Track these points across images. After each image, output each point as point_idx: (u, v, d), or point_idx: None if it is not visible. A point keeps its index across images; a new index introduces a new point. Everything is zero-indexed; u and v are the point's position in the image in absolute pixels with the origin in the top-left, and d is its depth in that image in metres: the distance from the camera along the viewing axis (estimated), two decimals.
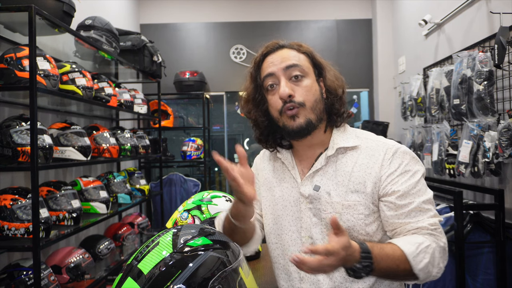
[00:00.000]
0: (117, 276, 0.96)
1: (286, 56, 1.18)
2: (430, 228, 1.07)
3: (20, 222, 1.86)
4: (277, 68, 1.16)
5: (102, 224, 3.41)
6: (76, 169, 3.11)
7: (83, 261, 2.37)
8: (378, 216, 1.14)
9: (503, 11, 2.47)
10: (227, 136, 5.51)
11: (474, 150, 2.62)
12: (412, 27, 4.30)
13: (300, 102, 1.14)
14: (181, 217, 1.76)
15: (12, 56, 1.94)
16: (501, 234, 2.52)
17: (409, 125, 4.03)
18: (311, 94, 1.15)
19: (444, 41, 3.59)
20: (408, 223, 1.09)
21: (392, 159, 1.13)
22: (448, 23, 3.51)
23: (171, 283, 0.87)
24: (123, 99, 3.19)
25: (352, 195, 1.13)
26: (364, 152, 1.16)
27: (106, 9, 3.98)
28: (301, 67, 1.16)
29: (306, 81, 1.16)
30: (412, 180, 1.11)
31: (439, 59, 3.60)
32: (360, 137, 1.21)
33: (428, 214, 1.09)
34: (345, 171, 1.16)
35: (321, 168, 1.19)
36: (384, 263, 0.99)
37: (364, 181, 1.13)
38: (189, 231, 1.01)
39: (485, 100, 2.53)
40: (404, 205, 1.09)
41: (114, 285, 0.94)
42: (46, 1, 2.16)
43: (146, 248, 0.97)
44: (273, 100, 1.17)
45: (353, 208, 1.13)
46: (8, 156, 1.91)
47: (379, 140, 1.19)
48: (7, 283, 1.89)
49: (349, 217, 1.13)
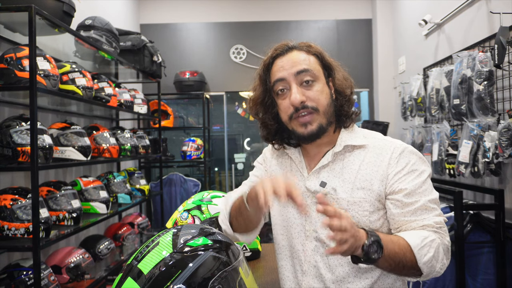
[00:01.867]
0: (117, 276, 0.96)
1: (296, 60, 1.16)
2: (436, 226, 1.08)
3: (20, 222, 1.86)
4: (288, 73, 1.15)
5: (102, 224, 3.41)
6: (76, 169, 3.12)
7: (83, 261, 2.37)
8: (383, 213, 1.15)
9: (503, 11, 2.47)
10: (227, 136, 5.51)
11: (474, 150, 2.63)
12: (412, 27, 4.30)
13: (314, 106, 1.14)
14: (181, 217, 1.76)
15: (12, 56, 1.94)
16: (501, 234, 2.52)
17: (409, 125, 4.04)
18: (323, 97, 1.16)
19: (444, 41, 3.59)
20: (414, 220, 1.09)
21: (399, 158, 1.14)
22: (448, 23, 3.51)
23: (171, 283, 0.88)
24: (123, 99, 3.19)
25: (358, 192, 1.14)
26: (371, 150, 1.17)
27: (106, 9, 3.99)
28: (312, 72, 1.15)
29: (317, 85, 1.16)
30: (419, 179, 1.12)
31: (439, 59, 3.60)
32: (367, 136, 1.22)
33: (434, 213, 1.10)
34: (352, 169, 1.17)
35: (327, 164, 1.19)
36: (391, 246, 1.00)
37: (370, 178, 1.14)
38: (189, 231, 1.01)
39: (485, 100, 2.54)
40: (410, 203, 1.10)
41: (114, 285, 0.94)
42: (46, 1, 2.16)
43: (146, 248, 0.97)
44: (284, 105, 1.17)
45: (358, 204, 1.14)
46: (8, 156, 1.91)
47: (386, 139, 1.20)
48: (7, 283, 1.89)
49: (354, 214, 1.14)
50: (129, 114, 3.90)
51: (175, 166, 5.12)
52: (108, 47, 2.90)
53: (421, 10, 4.07)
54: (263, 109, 1.24)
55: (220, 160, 5.54)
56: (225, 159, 5.47)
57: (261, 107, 1.25)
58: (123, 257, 2.94)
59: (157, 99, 4.22)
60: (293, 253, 1.24)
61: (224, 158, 5.47)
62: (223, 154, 5.49)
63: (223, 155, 5.49)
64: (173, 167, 5.12)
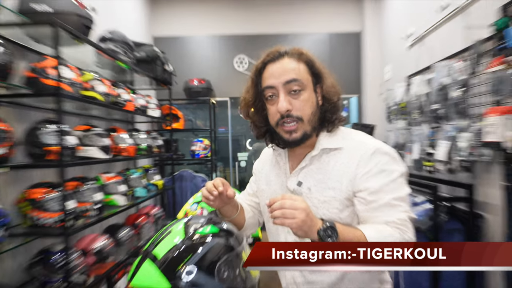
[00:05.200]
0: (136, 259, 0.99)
1: (286, 69, 1.10)
2: (398, 222, 1.02)
3: (51, 212, 1.89)
4: (278, 81, 1.10)
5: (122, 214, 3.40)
6: (98, 166, 3.13)
7: (106, 246, 2.38)
8: (352, 210, 1.12)
9: (478, 25, 2.49)
10: (231, 137, 5.52)
11: (449, 150, 2.64)
12: (397, 39, 4.31)
13: (298, 116, 1.10)
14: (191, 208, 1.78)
15: (39, 66, 1.95)
16: (472, 222, 2.55)
17: (393, 127, 4.04)
18: (308, 107, 1.11)
19: (425, 52, 3.60)
20: (377, 216, 1.04)
21: (370, 158, 1.08)
22: (429, 36, 3.52)
23: (183, 265, 0.90)
24: (138, 104, 3.20)
25: (329, 191, 1.11)
26: (345, 152, 1.13)
27: (123, 23, 4.00)
28: (300, 81, 1.10)
29: (304, 94, 1.11)
30: (387, 178, 1.06)
31: (421, 68, 3.60)
32: (345, 138, 1.16)
33: (398, 209, 1.03)
34: (326, 170, 1.13)
35: (306, 166, 1.17)
36: (346, 235, 0.96)
37: (341, 178, 1.10)
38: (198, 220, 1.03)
39: (461, 105, 2.55)
40: (374, 200, 1.05)
41: (134, 267, 0.96)
42: (68, 16, 2.15)
43: (161, 236, 0.99)
44: (272, 110, 1.14)
45: (329, 203, 1.11)
46: (38, 154, 1.94)
47: (361, 140, 1.14)
48: (42, 264, 1.91)
49: (325, 211, 1.11)
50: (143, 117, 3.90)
51: (185, 164, 5.13)
52: (125, 57, 2.91)
53: (405, 24, 4.08)
54: (254, 110, 1.21)
55: (225, 159, 5.55)
56: (229, 158, 5.48)
57: (252, 108, 1.20)
58: (140, 243, 2.96)
59: (168, 104, 4.23)
60: None
61: (229, 157, 5.48)
62: (228, 153, 5.50)
63: (228, 154, 5.50)
64: (184, 165, 5.13)
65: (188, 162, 5.05)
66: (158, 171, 3.81)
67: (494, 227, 2.51)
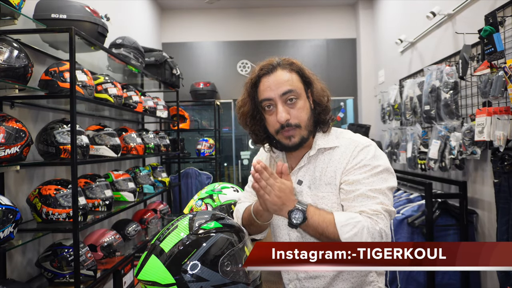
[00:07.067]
0: (143, 254, 0.97)
1: (281, 81, 1.11)
2: (370, 212, 1.02)
3: (62, 208, 1.86)
4: (275, 94, 1.11)
5: (130, 210, 3.42)
6: (109, 164, 3.12)
7: (114, 241, 2.38)
8: None
9: (466, 31, 2.47)
10: (235, 136, 5.51)
11: (441, 148, 2.62)
12: (390, 45, 4.29)
13: (297, 123, 1.11)
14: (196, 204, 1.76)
15: (55, 70, 1.95)
16: (464, 218, 2.52)
17: (387, 127, 4.03)
18: (304, 113, 1.12)
19: (417, 56, 3.58)
20: (354, 206, 1.05)
21: (358, 154, 1.10)
22: (420, 41, 3.50)
23: (188, 259, 0.88)
24: (147, 106, 3.19)
25: (326, 187, 1.12)
26: (339, 149, 1.14)
27: (134, 30, 3.99)
28: (295, 91, 1.11)
29: (299, 102, 1.12)
30: (368, 173, 1.07)
31: (413, 72, 3.59)
32: (339, 137, 1.18)
33: (374, 201, 1.04)
34: (322, 167, 1.14)
35: (304, 165, 1.18)
36: (316, 218, 1.01)
37: (335, 174, 1.12)
38: (203, 216, 1.01)
39: (451, 106, 2.53)
40: (351, 190, 1.06)
41: (141, 261, 0.95)
42: (84, 23, 2.17)
43: (167, 231, 0.97)
44: (271, 120, 1.14)
45: (327, 198, 1.12)
46: (52, 153, 1.92)
47: (353, 139, 1.16)
48: (52, 258, 1.89)
49: (324, 206, 1.11)
50: (152, 118, 3.91)
51: (191, 162, 5.12)
52: (135, 62, 2.90)
53: (397, 30, 4.06)
54: (253, 121, 1.20)
55: (229, 157, 5.54)
56: (233, 156, 5.47)
57: (251, 119, 1.20)
58: (147, 238, 2.94)
59: (175, 106, 4.22)
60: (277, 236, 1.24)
61: (232, 155, 5.47)
62: (231, 152, 5.49)
63: (231, 153, 5.49)
64: (189, 163, 5.12)
65: (193, 160, 5.04)
66: (165, 169, 3.79)
67: (486, 222, 2.48)
